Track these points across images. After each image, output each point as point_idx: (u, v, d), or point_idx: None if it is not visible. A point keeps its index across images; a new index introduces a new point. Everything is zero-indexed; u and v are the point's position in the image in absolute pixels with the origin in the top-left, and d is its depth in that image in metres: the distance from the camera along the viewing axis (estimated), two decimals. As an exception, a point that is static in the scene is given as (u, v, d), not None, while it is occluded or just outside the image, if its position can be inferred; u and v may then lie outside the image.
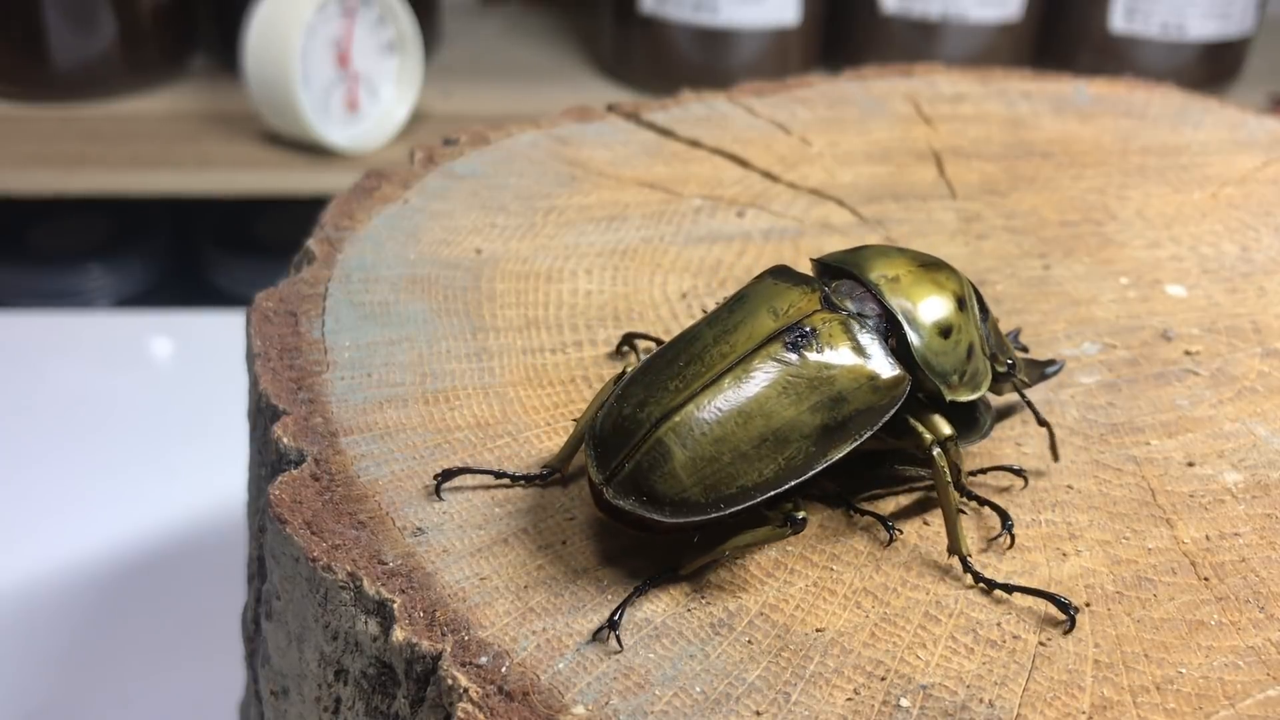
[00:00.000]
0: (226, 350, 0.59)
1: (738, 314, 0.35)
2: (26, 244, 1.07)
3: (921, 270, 0.36)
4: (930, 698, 0.31)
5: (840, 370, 0.33)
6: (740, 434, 0.32)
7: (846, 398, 0.33)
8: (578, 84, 1.10)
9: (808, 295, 0.35)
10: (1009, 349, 0.38)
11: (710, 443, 0.32)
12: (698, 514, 0.32)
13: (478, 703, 0.30)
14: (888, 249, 0.37)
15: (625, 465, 0.32)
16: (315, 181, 0.93)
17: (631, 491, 0.32)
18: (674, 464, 0.32)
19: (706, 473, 0.32)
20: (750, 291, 0.36)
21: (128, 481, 0.74)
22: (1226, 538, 0.36)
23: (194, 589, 0.67)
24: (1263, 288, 0.48)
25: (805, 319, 0.34)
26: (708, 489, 0.32)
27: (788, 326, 0.34)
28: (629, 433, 0.33)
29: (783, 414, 0.33)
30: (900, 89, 0.63)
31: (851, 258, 0.36)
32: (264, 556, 0.37)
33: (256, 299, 0.43)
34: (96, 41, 1.01)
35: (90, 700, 0.61)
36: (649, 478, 0.32)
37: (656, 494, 0.32)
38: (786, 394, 0.33)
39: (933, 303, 0.35)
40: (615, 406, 0.34)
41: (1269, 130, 0.60)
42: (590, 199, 0.51)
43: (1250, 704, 0.31)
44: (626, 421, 0.33)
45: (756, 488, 0.32)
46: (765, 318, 0.34)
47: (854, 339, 0.34)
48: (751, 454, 0.32)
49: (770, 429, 0.33)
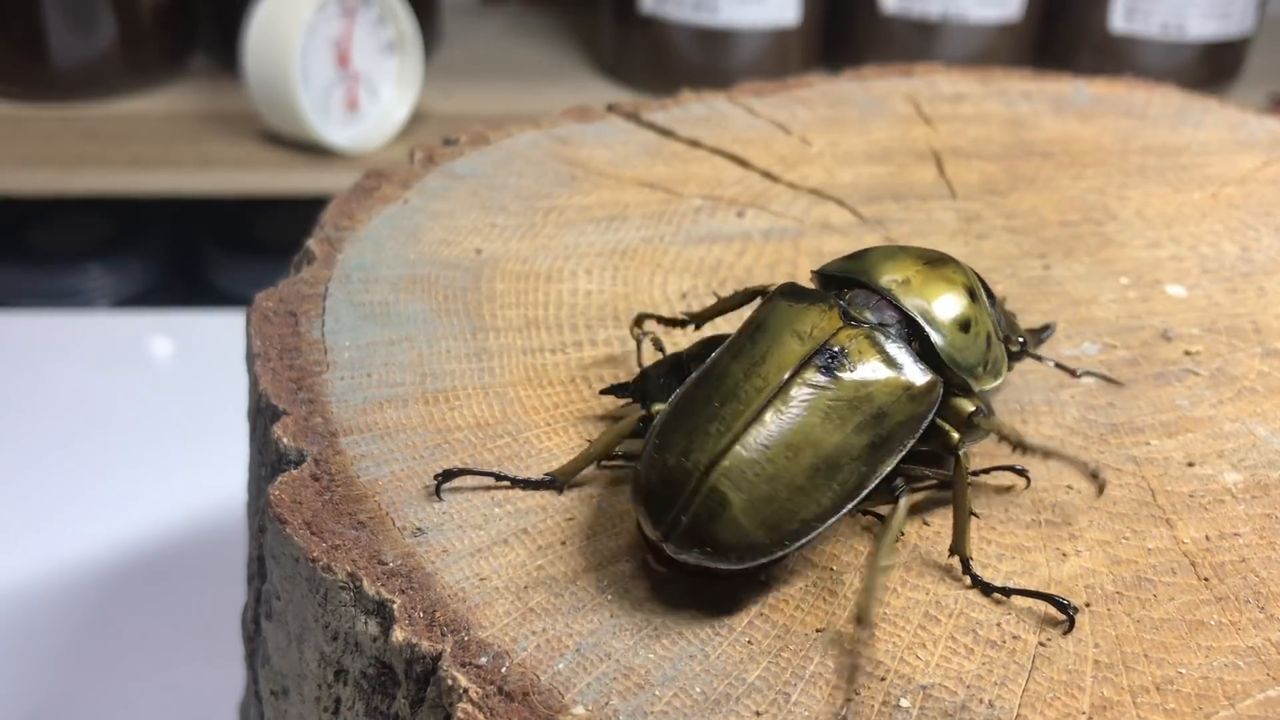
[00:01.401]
0: (226, 350, 0.59)
1: (761, 344, 0.34)
2: (26, 244, 1.07)
3: (929, 268, 0.36)
4: (930, 698, 0.31)
5: (876, 386, 0.33)
6: (793, 468, 0.32)
7: (887, 412, 0.33)
8: (578, 84, 1.10)
9: (827, 313, 0.34)
10: (1017, 327, 0.39)
11: (765, 482, 0.32)
12: (764, 555, 0.32)
13: (478, 703, 0.30)
14: (889, 250, 0.37)
15: (681, 518, 0.31)
16: (315, 181, 0.93)
17: (694, 544, 0.31)
18: (733, 510, 0.31)
19: (766, 513, 0.31)
20: (767, 318, 0.35)
21: (128, 481, 0.74)
22: (1226, 538, 0.36)
23: (194, 589, 0.67)
24: (1263, 288, 0.48)
25: (831, 339, 0.33)
26: (771, 529, 0.31)
27: (816, 349, 0.33)
28: (679, 484, 0.32)
29: (830, 440, 0.32)
30: (900, 89, 0.63)
31: (857, 265, 0.36)
32: (264, 556, 0.37)
33: (256, 299, 0.43)
34: (96, 41, 1.01)
35: (90, 700, 0.61)
36: (710, 527, 0.31)
37: (720, 543, 0.31)
38: (830, 419, 0.32)
39: (948, 300, 0.35)
40: (657, 458, 0.33)
41: (1269, 130, 0.60)
42: (590, 199, 0.51)
43: (1250, 704, 0.31)
44: (674, 472, 0.32)
45: (817, 518, 0.32)
46: (791, 343, 0.33)
47: (883, 351, 0.33)
48: (807, 486, 0.32)
49: (821, 458, 0.32)
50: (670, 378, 0.37)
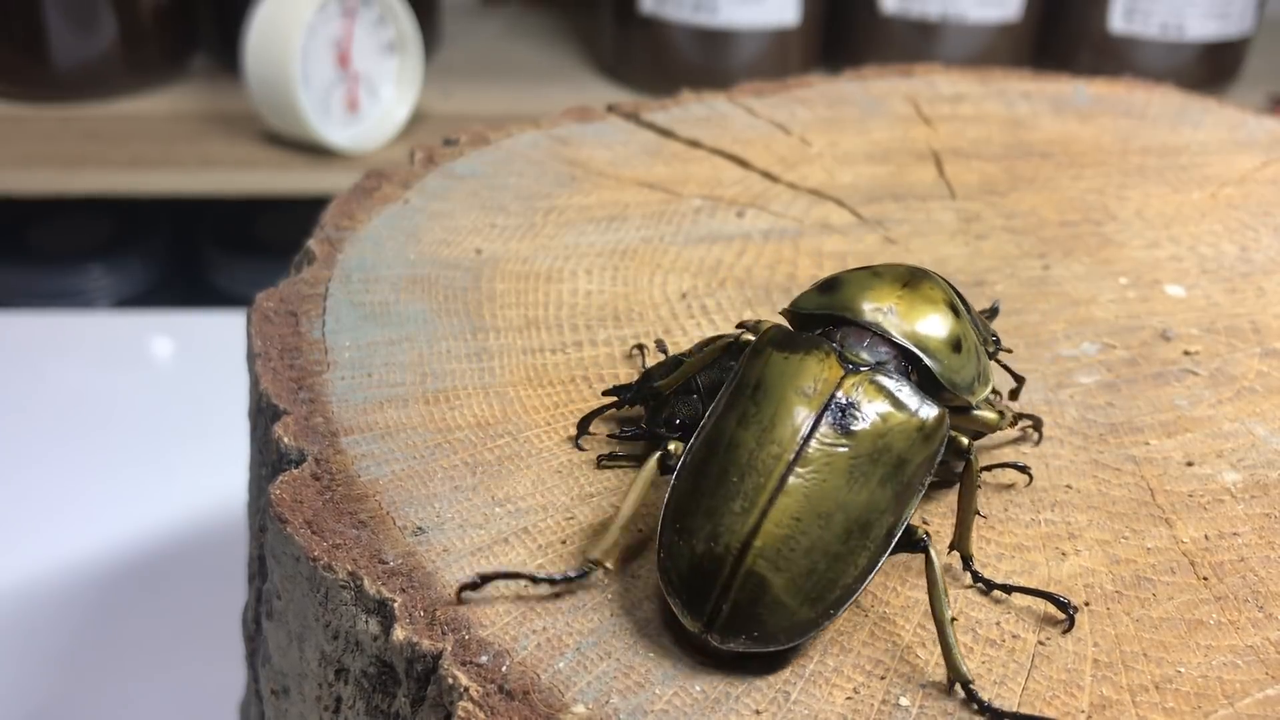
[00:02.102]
0: (227, 350, 0.59)
1: (767, 407, 0.32)
2: (27, 244, 1.07)
3: (910, 291, 0.34)
4: (929, 697, 0.31)
5: (892, 434, 0.32)
6: (827, 535, 0.31)
7: (907, 458, 0.32)
8: (578, 84, 1.10)
9: (824, 361, 0.33)
10: (989, 326, 0.38)
11: (802, 555, 0.31)
12: (811, 630, 0.31)
13: (478, 701, 0.30)
14: (861, 277, 0.35)
15: (722, 607, 0.30)
16: (315, 181, 0.93)
17: (739, 631, 0.30)
18: (774, 591, 0.30)
19: (808, 587, 0.31)
20: (765, 376, 0.33)
21: (128, 481, 0.74)
22: (1225, 537, 0.36)
23: (194, 589, 0.67)
24: (1262, 288, 0.48)
25: (837, 390, 0.32)
26: (814, 603, 0.31)
27: (825, 405, 0.32)
28: (712, 572, 0.31)
29: (858, 500, 0.31)
30: (900, 89, 0.63)
31: (836, 300, 0.34)
32: (265, 556, 0.37)
33: (257, 299, 0.43)
34: (97, 41, 1.02)
35: (90, 700, 0.61)
36: (753, 613, 0.30)
37: (765, 627, 0.30)
38: (854, 478, 0.31)
39: (935, 322, 0.34)
40: (682, 545, 0.31)
41: (1268, 130, 0.61)
42: (590, 199, 0.51)
43: (1249, 703, 0.31)
44: (704, 560, 0.31)
45: (856, 580, 0.31)
46: (798, 403, 0.32)
47: (889, 394, 0.32)
48: (843, 551, 0.31)
49: (852, 519, 0.31)
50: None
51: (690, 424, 0.36)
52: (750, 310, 0.45)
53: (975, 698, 0.30)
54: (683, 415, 0.36)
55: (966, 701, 0.31)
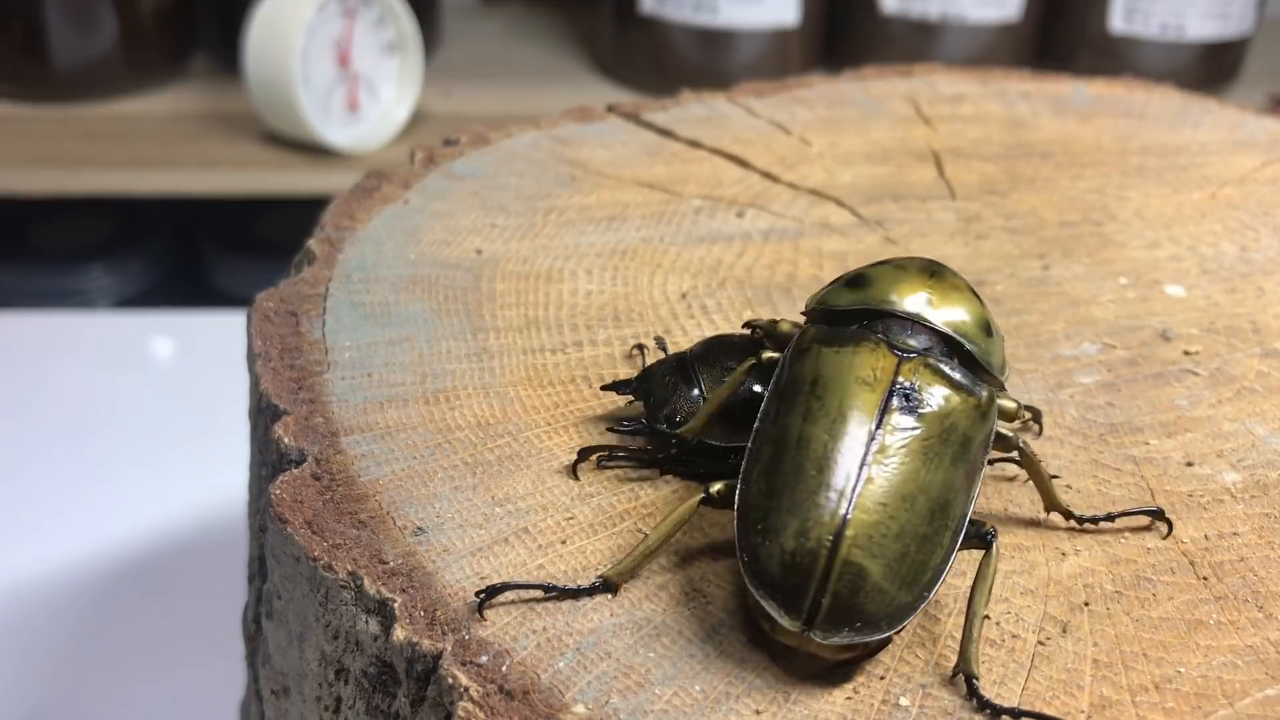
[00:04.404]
0: (227, 350, 0.59)
1: (830, 399, 0.32)
2: (27, 244, 1.07)
3: (937, 281, 0.35)
4: (929, 696, 0.31)
5: (955, 414, 0.32)
6: (914, 518, 0.31)
7: (970, 436, 0.32)
8: (578, 84, 1.10)
9: (876, 351, 0.33)
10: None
11: (894, 540, 0.31)
12: (908, 615, 0.31)
13: (478, 701, 0.30)
14: (886, 271, 0.35)
15: (821, 601, 0.30)
16: (315, 181, 0.93)
17: (842, 624, 0.30)
18: (873, 578, 0.30)
19: (903, 571, 0.31)
20: (821, 371, 0.33)
21: (128, 481, 0.74)
22: (1225, 537, 0.36)
23: (194, 589, 0.67)
24: (1262, 288, 0.48)
25: (897, 376, 0.33)
26: (910, 586, 0.31)
27: (889, 392, 0.32)
28: (808, 567, 0.30)
29: (936, 480, 0.32)
30: (900, 89, 0.63)
31: (869, 295, 0.34)
32: (265, 556, 0.37)
33: (257, 299, 0.43)
34: (97, 41, 1.02)
35: (90, 700, 0.61)
36: (854, 602, 0.30)
37: (868, 615, 0.30)
38: (928, 459, 0.32)
39: (966, 308, 0.34)
40: (769, 546, 0.31)
41: (1268, 130, 0.61)
42: (590, 199, 0.51)
43: (1249, 703, 0.31)
44: (798, 555, 0.30)
45: (943, 561, 0.31)
46: (863, 392, 0.32)
47: (946, 376, 0.33)
48: (929, 532, 0.31)
49: (934, 500, 0.31)
50: (675, 376, 0.37)
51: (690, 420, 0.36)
52: (750, 310, 0.45)
53: (976, 693, 0.31)
54: (683, 413, 0.36)
55: (968, 696, 0.31)
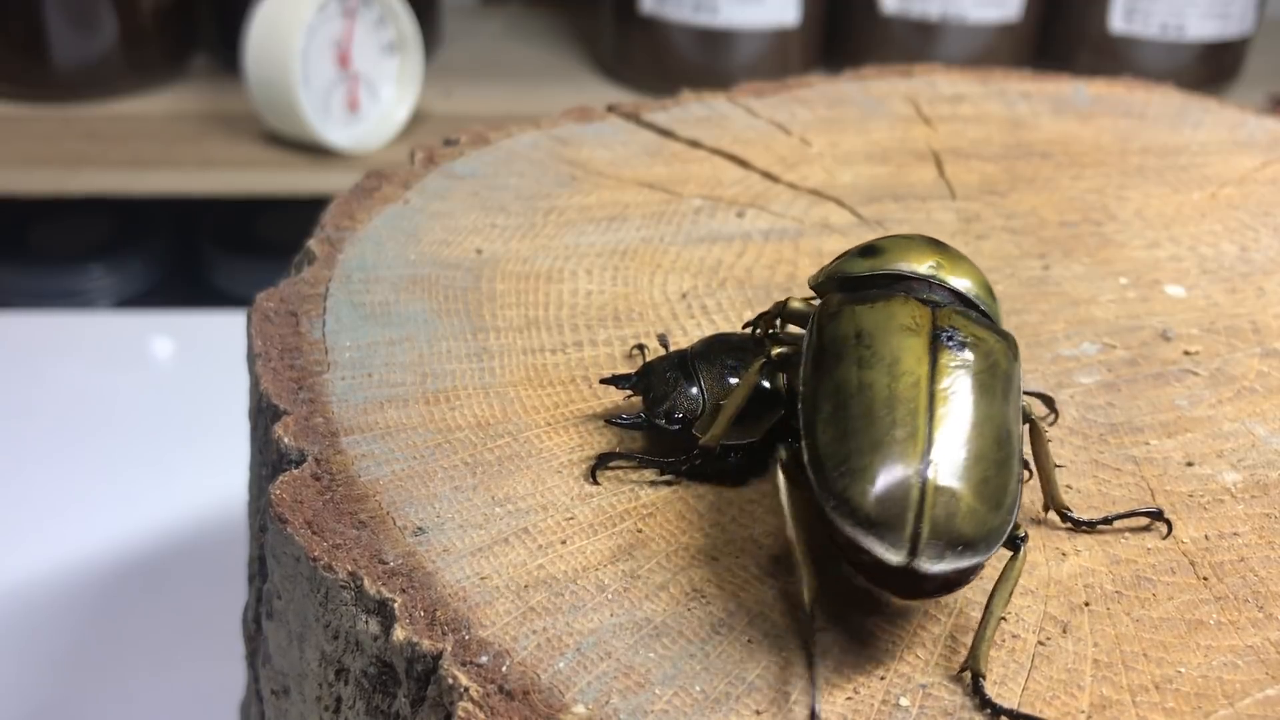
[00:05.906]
0: (227, 350, 0.59)
1: (882, 348, 0.33)
2: (27, 244, 1.07)
3: (940, 248, 0.36)
4: (929, 696, 0.31)
5: (995, 351, 0.34)
6: (986, 444, 0.32)
7: (1010, 373, 0.34)
8: (578, 84, 1.10)
9: (909, 303, 0.34)
10: None
11: (974, 464, 0.31)
12: (1001, 536, 0.31)
13: (478, 701, 0.30)
14: (897, 241, 0.37)
15: (920, 530, 0.30)
16: (315, 181, 0.93)
17: (945, 549, 0.30)
18: (966, 499, 0.31)
19: (989, 493, 0.31)
20: (863, 325, 0.34)
21: (128, 481, 0.74)
22: (1225, 537, 0.36)
23: (194, 589, 0.67)
24: (1262, 288, 0.48)
25: (936, 322, 0.34)
26: (997, 506, 0.31)
27: (934, 335, 0.33)
28: (903, 498, 0.31)
29: (996, 410, 0.33)
30: (900, 89, 0.63)
31: (886, 261, 0.36)
32: (265, 556, 0.37)
33: (257, 299, 0.43)
34: (97, 41, 1.02)
35: (90, 700, 0.61)
36: (952, 526, 0.30)
37: (967, 537, 0.30)
38: (984, 391, 0.33)
39: (974, 273, 0.36)
40: (861, 485, 0.31)
41: (1268, 130, 0.61)
42: (590, 199, 0.51)
43: (1249, 703, 0.31)
44: (892, 489, 0.31)
45: (1016, 485, 0.32)
46: (910, 338, 0.33)
47: (976, 321, 0.34)
48: (1001, 457, 0.32)
49: (998, 427, 0.32)
50: (675, 372, 0.37)
51: (690, 418, 0.36)
52: (750, 310, 0.45)
53: (980, 691, 0.31)
54: (683, 409, 0.36)
55: (972, 693, 0.31)
